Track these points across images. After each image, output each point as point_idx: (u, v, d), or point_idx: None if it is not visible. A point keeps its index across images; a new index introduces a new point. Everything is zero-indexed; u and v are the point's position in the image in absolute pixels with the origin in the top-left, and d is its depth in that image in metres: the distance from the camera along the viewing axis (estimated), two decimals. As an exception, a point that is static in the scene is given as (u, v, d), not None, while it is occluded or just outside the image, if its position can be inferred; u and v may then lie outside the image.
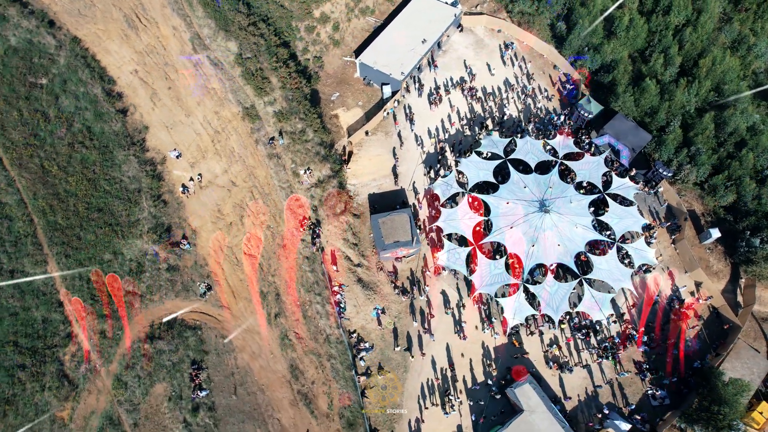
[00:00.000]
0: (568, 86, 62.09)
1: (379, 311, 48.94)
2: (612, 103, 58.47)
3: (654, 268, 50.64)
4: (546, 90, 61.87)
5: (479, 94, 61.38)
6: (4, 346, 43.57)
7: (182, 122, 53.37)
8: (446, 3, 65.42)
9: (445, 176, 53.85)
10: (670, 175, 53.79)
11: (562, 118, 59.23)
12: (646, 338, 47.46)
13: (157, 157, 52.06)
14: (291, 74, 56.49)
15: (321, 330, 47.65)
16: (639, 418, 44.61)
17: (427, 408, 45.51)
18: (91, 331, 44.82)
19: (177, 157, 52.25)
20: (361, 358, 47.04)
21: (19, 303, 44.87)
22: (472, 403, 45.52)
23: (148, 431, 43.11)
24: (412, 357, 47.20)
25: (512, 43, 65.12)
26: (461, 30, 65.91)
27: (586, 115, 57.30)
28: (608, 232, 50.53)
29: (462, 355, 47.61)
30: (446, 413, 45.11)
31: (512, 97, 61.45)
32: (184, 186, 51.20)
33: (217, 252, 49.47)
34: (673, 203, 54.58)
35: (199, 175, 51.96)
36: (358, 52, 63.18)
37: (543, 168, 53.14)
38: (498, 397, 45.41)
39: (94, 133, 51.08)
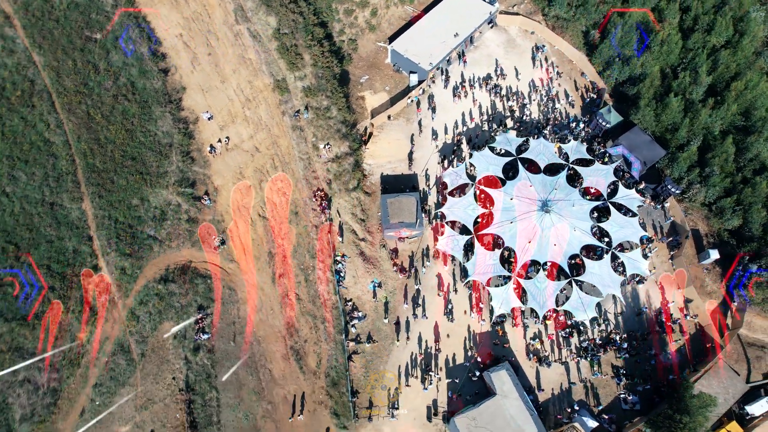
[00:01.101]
0: (591, 95, 63.09)
1: (376, 285, 51.99)
2: (632, 115, 59.23)
3: (646, 280, 51.90)
4: (570, 95, 62.97)
5: (503, 92, 63.03)
6: (40, 268, 48.75)
7: (217, 87, 57.29)
8: (485, 0, 66.91)
9: (456, 167, 56.10)
10: (678, 192, 54.56)
11: (581, 125, 60.37)
12: (626, 345, 49.08)
13: (191, 116, 56.21)
14: (324, 53, 59.48)
15: (319, 294, 51.12)
16: (607, 417, 46.54)
17: (408, 385, 48.45)
18: (113, 266, 49.54)
19: (209, 118, 56.23)
20: (353, 326, 50.35)
21: (55, 232, 49.92)
22: (450, 381, 48.30)
23: (152, 362, 47.67)
24: (398, 341, 49.97)
25: (544, 46, 66.24)
26: (492, 26, 67.13)
27: (603, 124, 58.30)
28: (607, 240, 51.95)
29: (448, 336, 50.32)
30: (425, 388, 48.04)
31: (535, 99, 62.82)
32: (212, 146, 55.20)
33: (235, 211, 53.44)
34: (678, 220, 55.38)
35: (227, 137, 55.85)
36: (392, 38, 65.47)
37: (552, 170, 54.74)
38: (475, 379, 48.03)
39: (137, 88, 55.53)
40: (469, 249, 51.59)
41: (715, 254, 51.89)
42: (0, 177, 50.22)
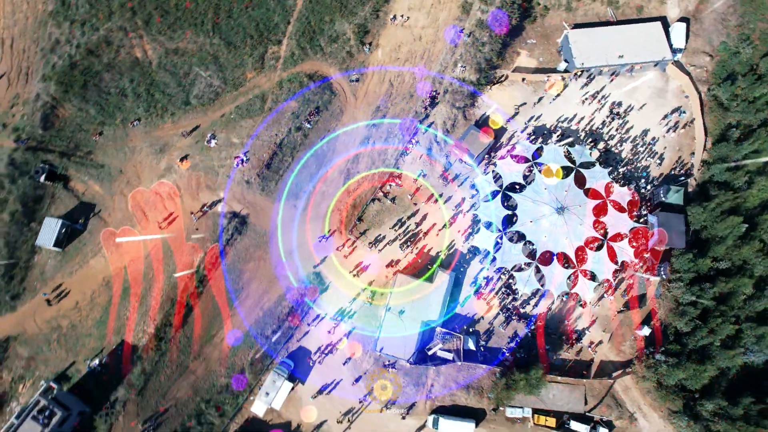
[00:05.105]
0: (680, 171, 70.65)
1: (422, 174, 70.11)
2: (690, 207, 66.76)
3: (585, 306, 65.42)
4: (663, 160, 70.89)
5: (618, 122, 72.21)
6: (256, 25, 72.48)
7: (426, -20, 73.80)
8: (671, 46, 72.79)
9: (532, 145, 69.36)
10: (665, 279, 64.66)
11: (648, 186, 69.51)
12: (533, 327, 64.85)
13: (394, -10, 74.20)
14: (513, 3, 72.03)
15: (387, 152, 70.45)
16: (483, 351, 64.22)
17: (387, 251, 68.09)
18: (289, 48, 71.99)
19: (406, -4, 73.57)
20: (390, 185, 69.98)
21: (273, 6, 72.67)
22: (415, 258, 67.64)
23: (273, 118, 71.26)
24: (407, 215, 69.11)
25: (684, 112, 72.50)
26: (657, 65, 73.44)
27: (662, 197, 67.21)
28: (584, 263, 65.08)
29: (437, 234, 68.61)
30: (401, 249, 67.87)
31: (637, 143, 71.61)
32: (395, 16, 73.09)
33: (378, 65, 72.62)
34: (649, 296, 66.04)
35: (408, 17, 73.18)
36: (576, 26, 75.15)
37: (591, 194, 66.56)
38: (429, 269, 66.94)
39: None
40: (493, 196, 67.14)
41: (646, 331, 63.46)
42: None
